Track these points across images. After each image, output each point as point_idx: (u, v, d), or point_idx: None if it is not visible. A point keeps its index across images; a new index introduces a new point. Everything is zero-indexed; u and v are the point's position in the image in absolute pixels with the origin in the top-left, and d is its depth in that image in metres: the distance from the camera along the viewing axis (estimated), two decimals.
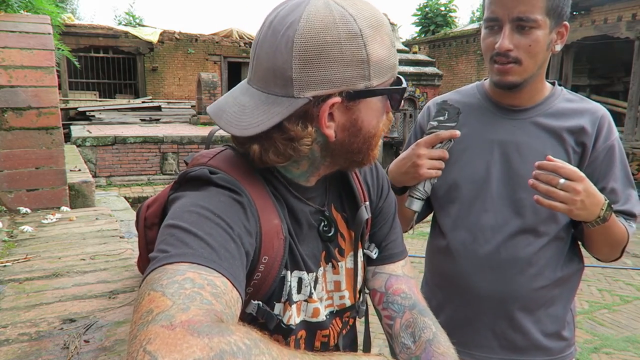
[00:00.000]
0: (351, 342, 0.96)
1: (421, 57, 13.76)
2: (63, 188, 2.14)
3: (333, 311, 0.87)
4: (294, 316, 0.79)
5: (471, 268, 1.24)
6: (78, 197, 2.36)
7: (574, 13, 10.58)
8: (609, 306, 4.11)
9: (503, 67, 1.12)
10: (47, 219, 1.89)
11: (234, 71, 15.66)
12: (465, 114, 1.27)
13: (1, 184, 2.00)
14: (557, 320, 1.26)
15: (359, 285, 0.90)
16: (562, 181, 1.03)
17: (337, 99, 0.68)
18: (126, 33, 14.49)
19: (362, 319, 0.97)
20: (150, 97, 14.33)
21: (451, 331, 0.89)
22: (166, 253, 0.56)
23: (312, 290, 0.81)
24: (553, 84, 1.26)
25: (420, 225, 1.31)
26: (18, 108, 1.99)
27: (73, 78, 14.05)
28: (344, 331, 0.92)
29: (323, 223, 0.84)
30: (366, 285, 0.95)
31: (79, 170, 2.86)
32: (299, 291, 0.80)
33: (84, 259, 1.46)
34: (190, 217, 0.62)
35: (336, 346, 0.90)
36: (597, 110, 1.21)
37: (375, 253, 0.91)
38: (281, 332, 0.77)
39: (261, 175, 0.76)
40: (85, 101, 12.97)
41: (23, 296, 1.18)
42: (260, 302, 0.74)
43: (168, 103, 13.68)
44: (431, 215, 1.41)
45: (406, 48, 14.01)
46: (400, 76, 0.76)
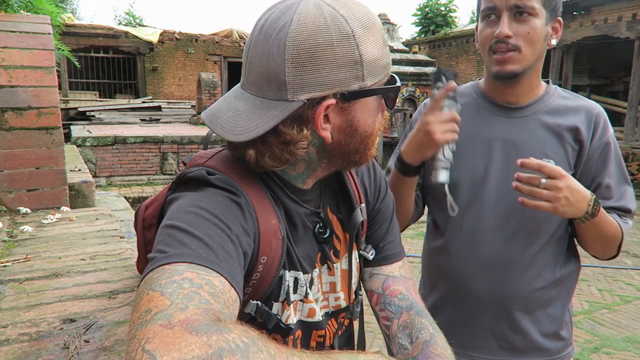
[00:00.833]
0: (347, 342, 0.96)
1: (421, 57, 13.78)
2: (63, 188, 2.14)
3: (328, 312, 0.87)
4: (292, 316, 0.79)
5: (470, 269, 1.24)
6: (78, 197, 2.36)
7: (574, 13, 10.57)
8: (609, 306, 4.10)
9: (502, 56, 1.12)
10: (47, 219, 1.90)
11: (234, 71, 15.65)
12: (461, 113, 1.27)
13: (1, 184, 2.00)
14: (556, 320, 1.26)
15: (354, 286, 0.90)
16: (544, 180, 1.03)
17: (332, 101, 0.68)
18: (126, 33, 14.49)
19: (358, 319, 0.97)
20: (150, 97, 14.33)
21: (450, 332, 0.89)
22: (164, 253, 0.57)
23: (308, 290, 0.81)
24: (547, 83, 1.26)
25: (420, 225, 1.31)
26: (18, 108, 1.99)
27: (73, 78, 14.05)
28: (340, 332, 0.92)
29: (318, 225, 0.84)
30: (363, 286, 0.95)
31: (79, 170, 2.86)
32: (295, 291, 0.80)
33: (84, 259, 1.46)
34: (188, 218, 0.62)
35: (331, 346, 0.90)
36: (593, 107, 1.21)
37: (372, 254, 0.91)
38: (280, 332, 0.78)
39: (258, 176, 0.76)
40: (85, 101, 12.97)
41: (23, 296, 1.18)
42: (259, 302, 0.74)
43: (168, 103, 13.68)
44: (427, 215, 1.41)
45: (406, 48, 14.02)
46: (394, 74, 0.76)
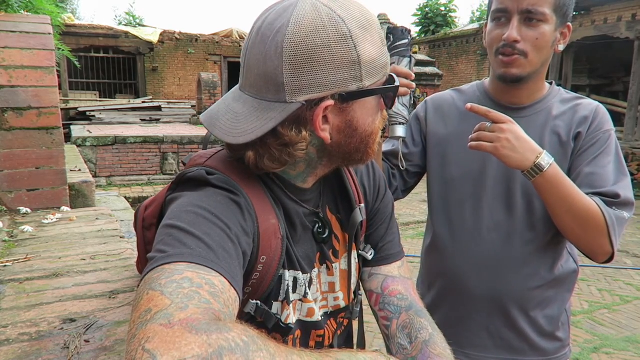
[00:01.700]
0: (346, 342, 0.96)
1: (421, 57, 13.75)
2: (63, 188, 2.14)
3: (327, 312, 0.88)
4: (292, 315, 0.79)
5: (466, 267, 1.25)
6: (78, 197, 2.37)
7: (574, 13, 10.57)
8: (609, 306, 4.10)
9: (508, 59, 1.12)
10: (48, 219, 1.90)
11: (234, 71, 15.64)
12: (464, 112, 1.27)
13: (1, 184, 2.00)
14: (552, 320, 1.26)
15: (353, 286, 0.90)
16: (489, 124, 1.07)
17: (330, 102, 0.68)
18: (126, 33, 14.49)
19: (358, 319, 0.97)
20: (150, 97, 14.33)
21: (446, 330, 0.89)
22: (164, 253, 0.57)
23: (307, 290, 0.81)
24: (551, 84, 1.26)
25: (420, 225, 1.32)
26: (18, 108, 1.99)
27: (73, 78, 14.05)
28: (339, 332, 0.92)
29: (318, 225, 0.84)
30: (363, 286, 0.95)
31: (79, 170, 2.86)
32: (294, 290, 0.80)
33: (84, 259, 1.46)
34: (188, 217, 0.62)
35: (331, 346, 0.90)
36: (592, 103, 1.22)
37: (371, 254, 0.91)
38: (279, 331, 0.78)
39: (258, 176, 0.76)
40: (85, 101, 12.96)
41: (23, 296, 1.18)
42: (258, 302, 0.75)
43: (168, 103, 13.68)
44: (427, 215, 1.41)
45: None
46: (392, 74, 0.76)
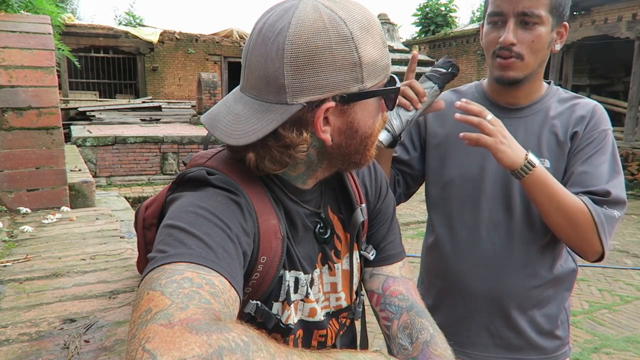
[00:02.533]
0: (349, 342, 0.96)
1: (421, 57, 13.76)
2: (63, 188, 2.14)
3: (329, 312, 0.87)
4: (292, 315, 0.79)
5: (466, 266, 1.25)
6: (78, 197, 2.37)
7: (574, 13, 10.57)
8: (609, 306, 4.10)
9: (505, 62, 1.12)
10: (48, 219, 1.90)
11: (234, 71, 15.66)
12: (463, 113, 1.27)
13: (1, 184, 2.00)
14: (551, 319, 1.26)
15: (355, 286, 0.90)
16: (490, 117, 1.06)
17: (331, 104, 0.68)
18: (126, 33, 14.49)
19: (360, 319, 0.97)
20: (150, 97, 14.33)
21: (446, 329, 0.89)
22: (164, 253, 0.57)
23: (309, 290, 0.81)
24: (549, 84, 1.26)
25: (420, 225, 1.32)
26: (18, 108, 1.99)
27: (73, 78, 14.05)
28: (342, 332, 0.92)
29: (319, 225, 0.84)
30: (364, 286, 0.95)
31: (79, 170, 2.86)
32: (296, 291, 0.80)
33: (84, 259, 1.46)
34: (188, 217, 0.62)
35: (333, 346, 0.90)
36: (589, 103, 1.22)
37: (372, 254, 0.91)
38: (280, 332, 0.78)
39: (258, 176, 0.76)
40: (85, 101, 12.97)
41: (23, 296, 1.18)
42: (258, 302, 0.75)
43: (168, 103, 13.68)
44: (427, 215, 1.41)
45: (406, 48, 14.02)
46: (394, 75, 0.75)
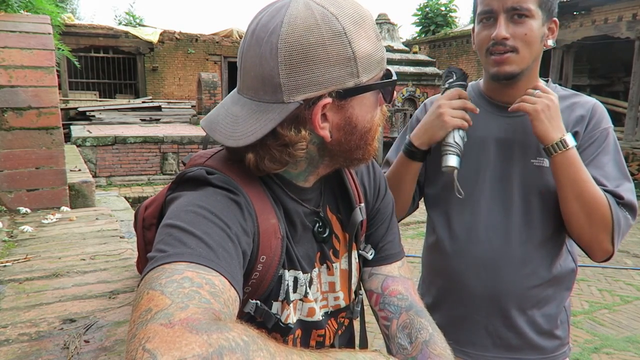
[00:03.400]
0: (348, 342, 0.96)
1: (421, 57, 13.77)
2: (63, 188, 2.14)
3: (328, 312, 0.87)
4: (292, 315, 0.79)
5: (465, 266, 1.25)
6: (78, 197, 2.36)
7: (574, 13, 10.57)
8: (609, 306, 4.10)
9: (500, 57, 1.13)
10: (47, 219, 1.90)
11: (234, 71, 15.48)
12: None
13: (1, 184, 2.00)
14: (551, 319, 1.26)
15: (354, 286, 0.90)
16: (538, 91, 1.12)
17: (328, 100, 0.68)
18: (126, 33, 14.49)
19: (359, 319, 0.97)
20: (150, 97, 14.33)
21: (445, 329, 0.89)
22: (164, 252, 0.57)
23: (307, 289, 0.81)
24: (547, 82, 1.26)
25: (420, 225, 1.32)
26: (18, 108, 1.99)
27: (73, 78, 14.05)
28: (340, 331, 0.92)
29: (318, 224, 0.84)
30: (363, 286, 0.95)
31: (79, 170, 2.86)
32: (295, 290, 0.80)
33: (84, 259, 1.46)
34: (187, 217, 0.62)
35: (332, 346, 0.90)
36: (589, 101, 1.22)
37: (371, 254, 0.91)
38: (279, 331, 0.78)
39: (258, 175, 0.76)
40: (85, 101, 12.96)
41: (23, 296, 1.18)
42: (258, 302, 0.74)
43: (168, 103, 13.68)
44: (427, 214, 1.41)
45: (406, 48, 14.01)
46: (389, 68, 0.76)
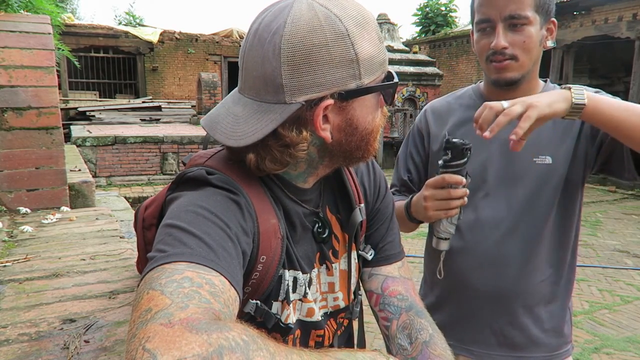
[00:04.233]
0: (347, 342, 0.96)
1: (421, 57, 13.77)
2: (63, 188, 2.14)
3: (327, 312, 0.87)
4: (292, 315, 0.79)
5: (469, 265, 1.26)
6: (78, 197, 2.36)
7: (575, 13, 10.57)
8: (610, 306, 4.10)
9: (500, 65, 1.14)
10: (47, 219, 1.90)
11: (234, 71, 15.64)
12: (461, 114, 1.29)
13: (1, 184, 2.00)
14: (555, 316, 1.27)
15: (353, 287, 0.90)
16: (506, 104, 0.96)
17: (330, 101, 0.68)
18: (126, 33, 14.49)
19: (358, 319, 0.97)
20: (150, 97, 14.34)
21: (450, 328, 0.89)
22: (164, 252, 0.57)
23: (307, 290, 0.81)
24: (545, 81, 1.27)
25: (420, 225, 1.32)
26: (18, 108, 1.99)
27: (73, 78, 14.06)
28: (339, 332, 0.92)
29: (317, 225, 0.84)
30: (362, 286, 0.95)
31: (79, 170, 2.86)
32: (294, 290, 0.80)
33: (84, 259, 1.46)
34: (187, 217, 0.62)
35: (331, 346, 0.90)
36: None
37: (371, 254, 0.90)
38: (279, 331, 0.78)
39: (258, 175, 0.76)
40: (85, 101, 12.97)
41: (23, 296, 1.18)
42: (258, 302, 0.74)
43: (168, 103, 13.68)
44: None
45: (406, 48, 14.01)
46: (391, 70, 0.76)
